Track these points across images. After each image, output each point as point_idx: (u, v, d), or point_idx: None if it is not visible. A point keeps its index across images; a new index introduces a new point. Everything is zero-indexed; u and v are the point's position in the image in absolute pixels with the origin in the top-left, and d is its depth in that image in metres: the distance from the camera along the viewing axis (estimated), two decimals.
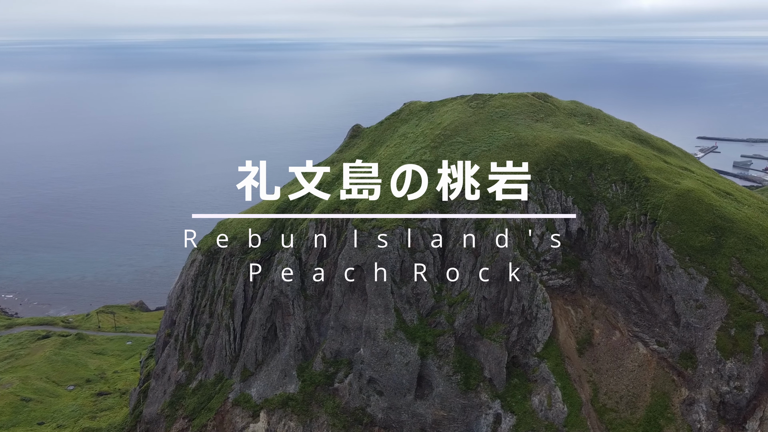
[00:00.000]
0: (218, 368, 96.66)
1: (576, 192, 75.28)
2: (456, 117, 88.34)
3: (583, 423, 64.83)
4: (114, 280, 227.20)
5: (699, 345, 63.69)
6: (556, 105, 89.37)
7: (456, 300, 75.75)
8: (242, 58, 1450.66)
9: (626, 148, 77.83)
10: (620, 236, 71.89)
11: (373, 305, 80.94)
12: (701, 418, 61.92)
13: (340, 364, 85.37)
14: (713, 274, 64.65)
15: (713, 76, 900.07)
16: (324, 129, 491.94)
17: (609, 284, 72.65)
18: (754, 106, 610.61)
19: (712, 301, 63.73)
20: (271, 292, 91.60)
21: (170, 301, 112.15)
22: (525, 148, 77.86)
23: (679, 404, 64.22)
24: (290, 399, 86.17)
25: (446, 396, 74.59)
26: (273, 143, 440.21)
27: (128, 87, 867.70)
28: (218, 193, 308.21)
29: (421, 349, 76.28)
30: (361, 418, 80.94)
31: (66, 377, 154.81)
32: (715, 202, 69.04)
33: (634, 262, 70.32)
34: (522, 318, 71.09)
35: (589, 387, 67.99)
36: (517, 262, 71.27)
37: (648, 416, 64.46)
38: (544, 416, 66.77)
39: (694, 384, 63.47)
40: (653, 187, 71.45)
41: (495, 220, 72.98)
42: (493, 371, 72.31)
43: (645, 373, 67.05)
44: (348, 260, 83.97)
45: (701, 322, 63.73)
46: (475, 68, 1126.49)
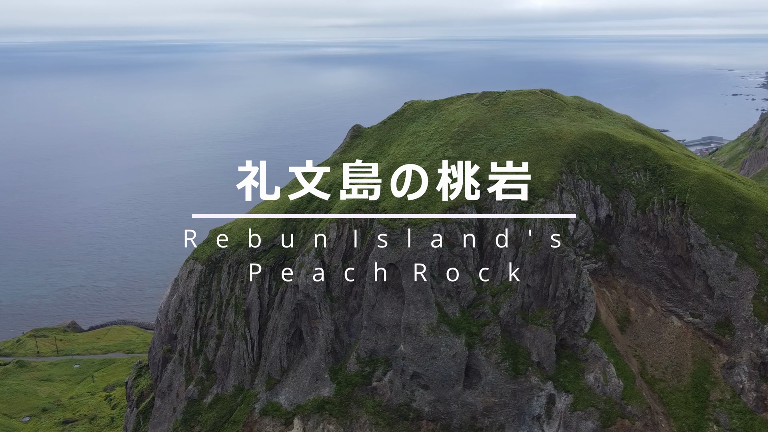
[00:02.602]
0: (237, 379, 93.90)
1: (602, 181, 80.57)
2: (471, 114, 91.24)
3: (638, 394, 69.77)
4: (35, 301, 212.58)
5: (735, 314, 70.58)
6: (564, 100, 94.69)
7: (499, 290, 78.62)
8: (137, 61, 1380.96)
9: (639, 138, 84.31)
10: (648, 220, 77.87)
11: (411, 301, 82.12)
12: (743, 379, 68.68)
13: (376, 362, 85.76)
14: (741, 248, 71.89)
15: (599, 72, 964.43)
16: (233, 134, 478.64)
17: (639, 265, 78.40)
18: (637, 99, 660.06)
19: (743, 273, 70.85)
20: (294, 296, 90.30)
21: (164, 316, 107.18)
22: (550, 141, 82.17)
23: (720, 369, 70.79)
24: (326, 403, 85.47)
25: (496, 383, 77.29)
26: (183, 148, 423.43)
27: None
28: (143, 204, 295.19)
29: (467, 339, 78.47)
30: (406, 413, 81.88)
31: (18, 408, 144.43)
32: (731, 184, 76.60)
33: (664, 242, 76.43)
34: (569, 302, 75.12)
35: (636, 361, 73.19)
36: (560, 250, 75.20)
37: (694, 382, 70.53)
38: (601, 391, 71.10)
39: (733, 349, 70.26)
40: (675, 173, 78.08)
41: (535, 209, 76.52)
42: (542, 355, 75.82)
43: (684, 344, 73.17)
44: (380, 259, 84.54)
45: (735, 292, 70.68)
46: (376, 68, 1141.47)
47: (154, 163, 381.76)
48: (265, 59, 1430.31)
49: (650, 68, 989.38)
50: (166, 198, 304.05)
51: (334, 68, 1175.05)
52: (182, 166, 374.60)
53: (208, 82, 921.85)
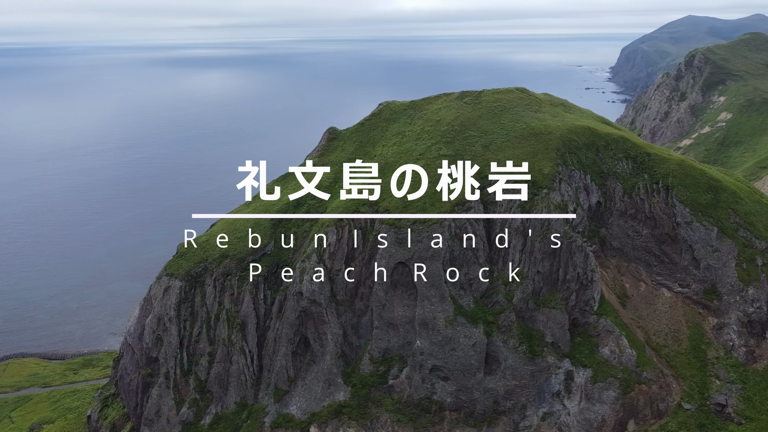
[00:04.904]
0: (238, 396, 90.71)
1: (591, 170, 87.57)
2: (457, 113, 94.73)
3: (650, 361, 77.26)
4: None
5: (720, 281, 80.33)
6: (537, 97, 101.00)
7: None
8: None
9: (615, 130, 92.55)
10: (636, 203, 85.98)
11: (425, 297, 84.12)
12: (733, 337, 78.50)
13: (391, 361, 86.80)
14: (719, 223, 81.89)
15: (463, 70, 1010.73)
16: (106, 143, 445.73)
17: (628, 245, 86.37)
18: None
19: (723, 245, 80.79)
20: (297, 304, 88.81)
21: (137, 339, 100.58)
22: (541, 136, 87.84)
23: (711, 330, 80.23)
24: (343, 407, 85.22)
25: (515, 366, 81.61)
26: (50, 161, 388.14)
27: None
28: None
29: (485, 328, 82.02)
30: (428, 407, 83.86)
31: None
32: (702, 167, 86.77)
33: (652, 223, 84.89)
34: (578, 284, 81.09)
35: (640, 331, 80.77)
36: (568, 236, 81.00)
37: (691, 345, 79.34)
38: (618, 362, 77.75)
39: (722, 312, 79.96)
40: (655, 160, 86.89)
41: (540, 199, 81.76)
42: (556, 335, 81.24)
43: (676, 312, 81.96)
44: (389, 258, 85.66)
45: (719, 262, 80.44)
46: (245, 70, 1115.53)
47: (17, 179, 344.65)
48: (123, 62, 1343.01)
49: (509, 65, 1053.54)
50: (43, 215, 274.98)
51: (199, 71, 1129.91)
52: (56, 180, 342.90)
53: (61, 89, 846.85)
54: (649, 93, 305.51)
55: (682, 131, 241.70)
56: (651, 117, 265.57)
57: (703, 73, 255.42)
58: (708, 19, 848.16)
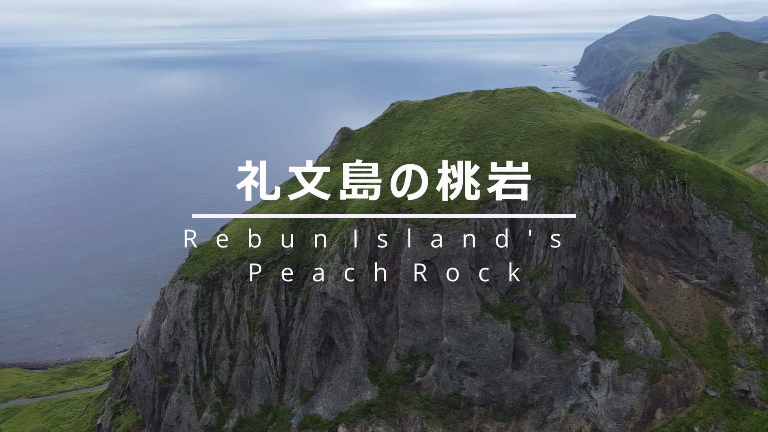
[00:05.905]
0: (262, 398, 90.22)
1: (608, 167, 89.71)
2: (473, 112, 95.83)
3: (675, 351, 79.64)
4: None
5: (737, 272, 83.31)
6: (550, 96, 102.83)
7: (535, 274, 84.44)
8: None
9: (629, 128, 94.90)
10: (653, 198, 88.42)
11: (452, 294, 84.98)
12: (751, 326, 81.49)
13: (417, 358, 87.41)
14: (734, 216, 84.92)
15: (432, 69, 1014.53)
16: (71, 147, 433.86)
17: (646, 239, 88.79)
18: None
19: (739, 237, 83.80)
20: (321, 304, 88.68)
21: (151, 345, 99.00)
22: (560, 134, 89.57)
23: (729, 320, 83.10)
24: (371, 405, 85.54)
25: (542, 360, 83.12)
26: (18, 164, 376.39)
27: None
28: None
29: (512, 324, 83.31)
30: (456, 402, 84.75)
31: None
32: (715, 163, 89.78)
33: (669, 217, 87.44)
34: (602, 278, 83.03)
35: (662, 323, 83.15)
36: (592, 231, 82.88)
37: (712, 334, 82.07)
38: (644, 353, 79.88)
39: (739, 301, 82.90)
40: (670, 156, 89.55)
41: (563, 196, 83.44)
42: (581, 328, 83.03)
43: (695, 303, 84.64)
44: (414, 257, 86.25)
45: (735, 254, 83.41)
46: (211, 71, 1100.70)
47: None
48: (85, 63, 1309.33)
49: (475, 65, 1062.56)
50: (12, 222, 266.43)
51: (163, 72, 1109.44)
52: (23, 185, 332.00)
53: (18, 91, 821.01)
54: (623, 91, 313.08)
55: (659, 128, 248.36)
56: (628, 115, 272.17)
57: (677, 72, 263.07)
58: (667, 19, 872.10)
